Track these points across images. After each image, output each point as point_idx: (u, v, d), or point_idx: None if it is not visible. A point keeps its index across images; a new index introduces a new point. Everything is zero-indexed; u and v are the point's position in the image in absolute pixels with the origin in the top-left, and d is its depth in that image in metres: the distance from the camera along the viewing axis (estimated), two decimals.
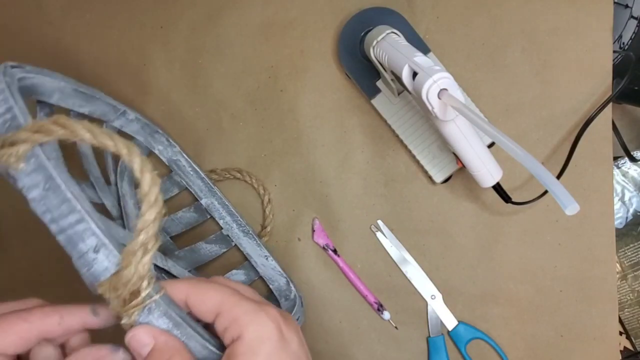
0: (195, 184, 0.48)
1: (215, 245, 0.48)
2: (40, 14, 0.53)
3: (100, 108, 0.42)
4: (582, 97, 0.45)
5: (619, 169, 0.61)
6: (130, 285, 0.24)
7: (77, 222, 0.25)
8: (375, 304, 0.47)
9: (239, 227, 0.48)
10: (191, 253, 0.47)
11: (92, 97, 0.41)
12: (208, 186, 0.48)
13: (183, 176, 0.48)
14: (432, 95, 0.32)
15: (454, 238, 0.47)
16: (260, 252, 0.47)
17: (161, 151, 0.48)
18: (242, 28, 0.50)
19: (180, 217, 0.48)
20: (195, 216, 0.48)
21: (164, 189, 0.48)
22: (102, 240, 0.25)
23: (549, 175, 0.26)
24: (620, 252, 0.60)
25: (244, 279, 0.47)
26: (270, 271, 0.47)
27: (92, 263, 0.25)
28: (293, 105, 0.49)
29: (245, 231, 0.47)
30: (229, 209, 0.48)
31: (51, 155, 0.26)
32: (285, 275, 0.46)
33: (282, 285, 0.46)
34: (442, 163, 0.45)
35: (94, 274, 0.25)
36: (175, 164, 0.48)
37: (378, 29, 0.42)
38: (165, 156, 0.48)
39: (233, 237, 0.48)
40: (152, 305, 0.25)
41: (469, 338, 0.46)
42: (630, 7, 0.53)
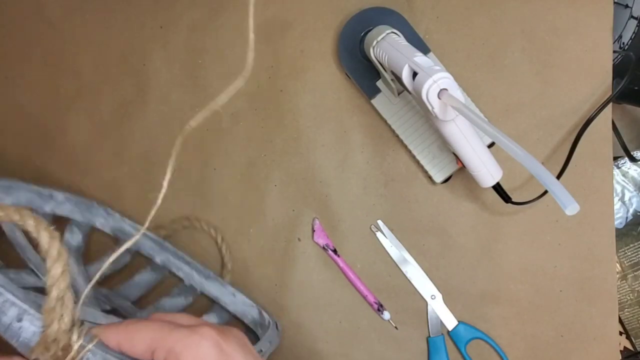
0: (145, 245, 0.47)
1: (180, 297, 0.48)
2: (40, 14, 0.53)
3: (24, 196, 0.42)
4: (582, 97, 0.45)
5: (619, 169, 0.61)
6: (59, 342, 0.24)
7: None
8: (375, 304, 0.47)
9: (199, 273, 0.47)
10: (155, 311, 0.47)
11: (10, 187, 0.41)
12: (158, 243, 0.47)
13: None
14: (432, 95, 0.32)
15: (454, 238, 0.47)
16: (226, 291, 0.47)
17: (103, 224, 0.48)
18: (242, 28, 0.50)
19: (137, 280, 0.48)
20: (154, 275, 0.48)
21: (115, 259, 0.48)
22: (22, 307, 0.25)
23: (549, 175, 0.26)
24: (620, 252, 0.60)
25: (217, 321, 0.47)
26: (240, 306, 0.46)
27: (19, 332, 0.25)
28: (293, 105, 0.49)
29: (207, 275, 0.47)
30: (185, 259, 0.47)
31: None
32: (255, 305, 0.46)
33: (255, 316, 0.46)
34: (442, 163, 0.45)
35: (24, 342, 0.25)
36: (120, 231, 0.48)
37: (378, 29, 0.42)
38: (107, 227, 0.48)
39: (196, 286, 0.47)
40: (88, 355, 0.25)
41: (469, 338, 0.46)
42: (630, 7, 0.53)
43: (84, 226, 0.47)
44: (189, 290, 0.48)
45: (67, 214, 0.46)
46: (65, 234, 0.46)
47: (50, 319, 0.24)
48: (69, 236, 0.46)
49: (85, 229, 0.47)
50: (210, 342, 0.26)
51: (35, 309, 0.25)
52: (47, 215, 0.45)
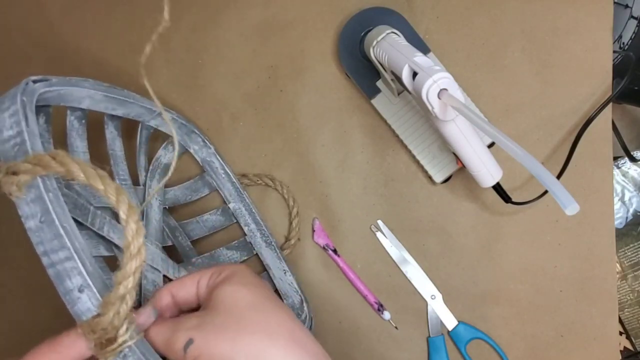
0: (225, 187, 0.48)
1: (236, 251, 0.48)
2: (40, 14, 0.53)
3: (135, 110, 0.42)
4: (582, 97, 0.45)
5: (619, 169, 0.62)
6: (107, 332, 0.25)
7: (66, 259, 0.26)
8: (376, 304, 0.47)
9: (263, 236, 0.47)
10: (210, 260, 0.47)
11: (125, 101, 0.41)
12: (237, 190, 0.47)
13: (215, 177, 0.47)
14: (432, 95, 0.32)
15: (454, 238, 0.47)
16: (279, 265, 0.46)
17: (196, 151, 0.48)
18: (242, 28, 0.50)
19: (205, 219, 0.48)
20: (221, 220, 0.48)
21: (194, 188, 0.48)
22: (87, 281, 0.26)
23: (549, 175, 0.26)
24: (620, 252, 0.60)
25: None
26: (286, 286, 0.46)
27: (76, 301, 0.26)
28: (293, 105, 0.49)
29: (268, 242, 0.47)
30: (255, 217, 0.47)
31: (51, 187, 0.27)
32: (301, 293, 0.46)
33: (296, 302, 0.46)
34: (442, 163, 0.45)
35: (76, 312, 0.26)
36: (209, 164, 0.48)
37: (378, 29, 0.42)
38: (199, 156, 0.48)
39: (255, 246, 0.47)
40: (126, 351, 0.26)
41: (469, 338, 0.46)
42: (630, 7, 0.53)
43: (179, 146, 0.48)
44: (246, 247, 0.48)
45: (169, 133, 0.47)
46: (160, 150, 0.47)
47: (107, 309, 0.25)
48: (163, 153, 0.47)
49: (180, 149, 0.48)
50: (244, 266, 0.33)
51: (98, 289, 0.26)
52: (150, 129, 0.46)
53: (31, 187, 0.26)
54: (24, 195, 0.26)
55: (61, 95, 0.35)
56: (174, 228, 0.47)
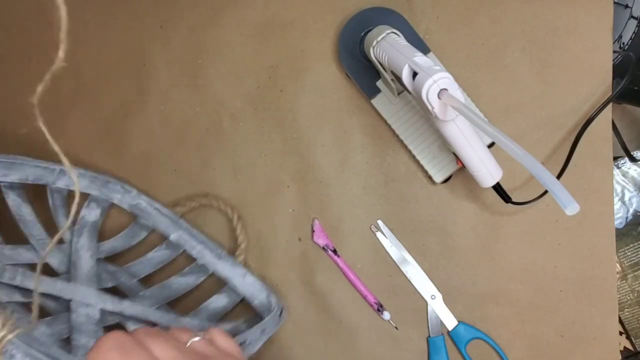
0: (160, 222, 0.47)
1: (191, 276, 0.48)
2: (40, 14, 0.53)
3: (32, 172, 0.42)
4: (582, 97, 0.45)
5: (619, 169, 0.62)
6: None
7: None
8: (375, 304, 0.47)
9: (212, 252, 0.47)
10: (161, 290, 0.47)
11: (13, 163, 0.41)
12: (172, 220, 0.47)
13: (147, 217, 0.47)
14: (432, 95, 0.32)
15: (454, 238, 0.47)
16: (237, 271, 0.47)
17: (120, 200, 0.48)
18: (242, 28, 0.50)
19: (150, 257, 0.48)
20: (167, 253, 0.48)
21: (131, 234, 0.49)
22: None
23: (549, 175, 0.26)
24: (620, 252, 0.60)
25: (226, 302, 0.47)
26: (250, 288, 0.46)
27: None
28: (293, 105, 0.49)
29: (218, 254, 0.47)
30: (198, 238, 0.47)
31: None
32: (264, 288, 0.46)
33: (263, 300, 0.46)
34: (442, 163, 0.45)
35: None
36: (137, 208, 0.48)
37: (378, 29, 0.42)
38: (125, 204, 0.48)
39: (208, 265, 0.47)
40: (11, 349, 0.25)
41: (469, 338, 0.46)
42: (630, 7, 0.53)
43: (102, 202, 0.48)
44: (200, 269, 0.48)
45: (84, 190, 0.46)
46: (83, 210, 0.47)
47: None
48: (86, 212, 0.47)
49: (103, 204, 0.48)
50: None
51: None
52: (62, 191, 0.46)
53: None
54: None
55: None
56: (114, 272, 0.47)
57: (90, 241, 0.46)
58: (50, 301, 0.42)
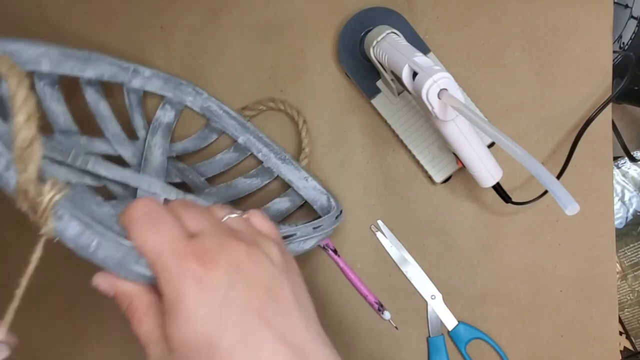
0: (229, 125, 0.48)
1: (257, 178, 0.48)
2: (40, 14, 0.53)
3: (106, 69, 0.43)
4: (582, 97, 0.45)
5: (619, 169, 0.62)
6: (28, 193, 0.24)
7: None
8: (376, 304, 0.47)
9: (276, 155, 0.48)
10: (226, 189, 0.47)
11: (88, 58, 0.40)
12: (241, 123, 0.48)
13: (217, 120, 0.48)
14: (432, 95, 0.32)
15: (454, 238, 0.47)
16: (299, 175, 0.47)
17: (192, 102, 0.48)
18: (242, 28, 0.50)
19: (218, 159, 0.49)
20: (235, 155, 0.49)
21: (202, 136, 0.49)
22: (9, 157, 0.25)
23: (549, 175, 0.26)
24: (620, 252, 0.60)
25: (289, 205, 0.47)
26: (311, 192, 0.47)
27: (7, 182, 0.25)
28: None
29: (283, 158, 0.47)
30: (264, 141, 0.48)
31: None
32: (325, 191, 0.46)
33: (323, 203, 0.46)
34: (442, 163, 0.45)
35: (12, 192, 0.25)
36: (208, 110, 0.48)
37: (378, 29, 0.42)
38: (197, 106, 0.48)
39: (273, 167, 0.48)
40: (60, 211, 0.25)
41: (469, 338, 0.46)
42: (630, 7, 0.53)
43: (176, 104, 0.48)
44: (266, 172, 0.48)
45: (158, 91, 0.47)
46: (158, 111, 0.47)
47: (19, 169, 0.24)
48: (161, 113, 0.48)
49: (177, 106, 0.48)
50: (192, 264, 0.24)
51: None
52: (138, 92, 0.46)
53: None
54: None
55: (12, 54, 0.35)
56: (183, 169, 0.47)
57: (163, 140, 0.47)
58: (118, 187, 0.43)
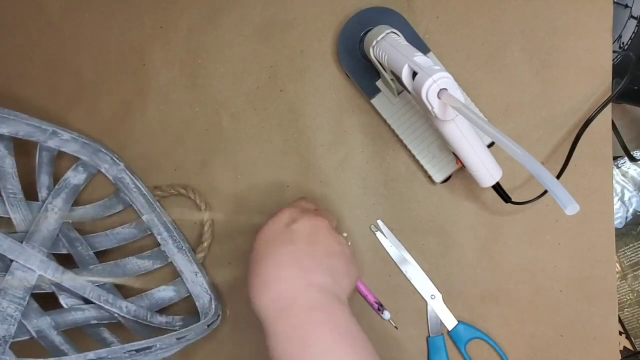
0: (137, 200, 0.48)
1: (149, 261, 0.48)
2: (40, 14, 0.53)
3: (23, 129, 0.43)
4: (582, 97, 0.45)
5: (619, 169, 0.61)
6: None
7: None
8: (376, 304, 0.47)
9: (175, 243, 0.48)
10: (114, 267, 0.47)
11: (6, 118, 0.41)
12: (149, 202, 0.48)
13: (127, 193, 0.48)
14: (432, 95, 0.32)
15: (454, 238, 0.47)
16: (191, 268, 0.47)
17: (107, 170, 0.49)
18: (242, 28, 0.50)
19: (117, 232, 0.49)
20: (134, 232, 0.49)
21: (108, 205, 0.49)
22: None
23: (549, 175, 0.26)
24: (620, 252, 0.60)
25: (173, 295, 0.48)
26: (198, 288, 0.47)
27: None
28: (293, 105, 0.49)
29: (180, 247, 0.48)
30: (167, 225, 0.48)
31: None
32: (210, 293, 0.47)
33: (205, 303, 0.47)
34: (442, 163, 0.45)
35: None
36: (121, 182, 0.48)
37: (378, 29, 0.42)
38: (111, 174, 0.49)
39: (168, 253, 0.48)
40: None
41: (469, 338, 0.46)
42: (630, 7, 0.53)
43: (90, 167, 0.48)
44: (161, 256, 0.48)
45: (74, 153, 0.47)
46: (69, 172, 0.48)
47: None
48: (72, 174, 0.48)
49: (91, 170, 0.48)
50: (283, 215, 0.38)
51: None
52: (53, 151, 0.46)
53: None
54: None
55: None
56: (74, 239, 0.47)
57: (65, 204, 0.47)
58: None
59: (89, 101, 0.51)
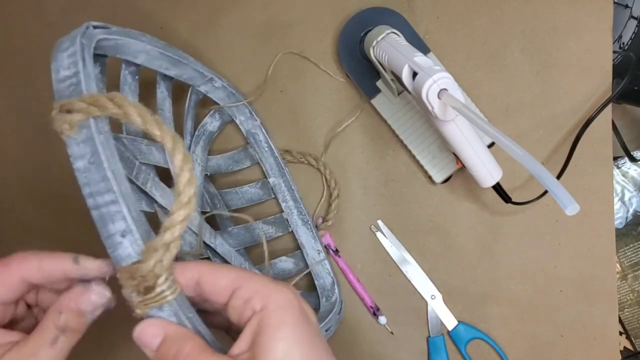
0: (267, 161, 0.47)
1: (272, 227, 0.47)
2: (40, 14, 0.53)
3: (188, 72, 0.42)
4: (582, 97, 0.45)
5: (619, 169, 0.61)
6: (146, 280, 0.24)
7: (111, 203, 0.25)
8: (372, 308, 0.47)
9: (300, 214, 0.46)
10: (245, 231, 0.46)
11: (179, 61, 0.40)
12: (279, 166, 0.47)
13: (258, 150, 0.47)
14: (432, 95, 0.32)
15: (454, 238, 0.47)
16: (314, 245, 0.46)
17: (242, 122, 0.47)
18: (242, 28, 0.50)
19: (245, 191, 0.48)
20: (259, 193, 0.48)
21: (236, 159, 0.48)
22: (130, 226, 0.25)
23: (549, 175, 0.26)
24: (620, 252, 0.60)
25: (292, 267, 0.46)
26: (319, 267, 0.45)
27: (117, 246, 0.25)
28: (293, 105, 0.49)
29: (305, 220, 0.46)
30: (294, 194, 0.47)
31: (102, 130, 0.27)
32: (332, 275, 0.45)
33: (327, 284, 0.45)
34: (442, 163, 0.45)
35: (117, 257, 0.25)
36: (253, 137, 0.47)
37: (378, 29, 0.42)
38: (244, 127, 0.47)
39: (291, 224, 0.47)
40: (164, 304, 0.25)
41: (469, 338, 0.46)
42: (630, 7, 0.53)
43: (225, 116, 0.47)
44: (282, 224, 0.47)
45: (219, 101, 0.46)
46: (207, 118, 0.47)
47: (148, 256, 0.24)
48: (209, 120, 0.47)
49: (225, 118, 0.48)
50: (294, 295, 0.26)
51: (141, 235, 0.25)
52: (199, 93, 0.45)
53: (83, 127, 0.26)
54: (75, 135, 0.26)
55: (118, 45, 0.35)
56: (213, 195, 0.46)
57: (202, 153, 0.46)
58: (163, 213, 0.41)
59: None
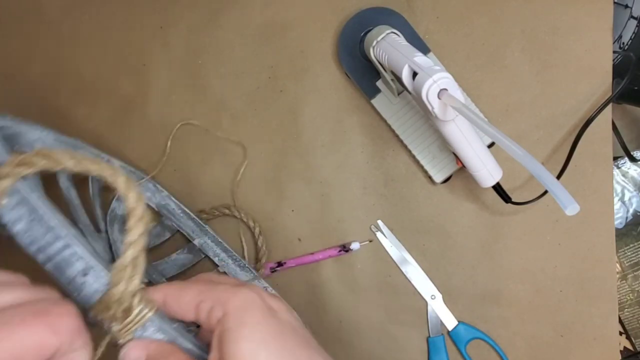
0: (186, 225, 0.48)
1: None
2: (39, 14, 0.53)
3: None
4: (582, 97, 0.45)
5: (619, 169, 0.61)
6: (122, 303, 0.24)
7: (63, 248, 0.25)
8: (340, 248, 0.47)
9: (235, 262, 0.47)
10: None
11: (74, 147, 0.41)
12: (199, 226, 0.47)
13: (174, 219, 0.47)
14: (432, 95, 0.32)
15: (454, 238, 0.47)
16: (258, 284, 0.47)
17: (150, 198, 0.48)
18: (242, 28, 0.50)
19: (174, 259, 0.48)
20: (189, 257, 0.49)
21: (155, 234, 0.49)
22: (90, 262, 0.25)
23: (549, 175, 0.26)
24: (620, 252, 0.60)
25: None
26: None
27: (82, 287, 0.25)
28: (293, 105, 0.49)
29: (242, 265, 0.47)
30: (222, 246, 0.47)
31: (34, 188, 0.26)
32: None
33: None
34: (442, 163, 0.45)
35: (84, 298, 0.25)
36: (165, 208, 0.48)
37: (378, 29, 0.42)
38: (154, 202, 0.48)
39: (230, 273, 0.47)
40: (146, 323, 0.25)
41: (469, 338, 0.46)
42: (630, 7, 0.53)
43: None
44: None
45: None
46: (114, 202, 0.47)
47: (119, 278, 0.24)
48: (116, 205, 0.47)
49: None
50: (256, 293, 0.26)
51: (103, 266, 0.25)
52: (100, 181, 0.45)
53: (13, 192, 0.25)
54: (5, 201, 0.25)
55: (14, 135, 0.35)
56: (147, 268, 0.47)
57: (120, 234, 0.46)
58: None
59: (89, 101, 0.51)
